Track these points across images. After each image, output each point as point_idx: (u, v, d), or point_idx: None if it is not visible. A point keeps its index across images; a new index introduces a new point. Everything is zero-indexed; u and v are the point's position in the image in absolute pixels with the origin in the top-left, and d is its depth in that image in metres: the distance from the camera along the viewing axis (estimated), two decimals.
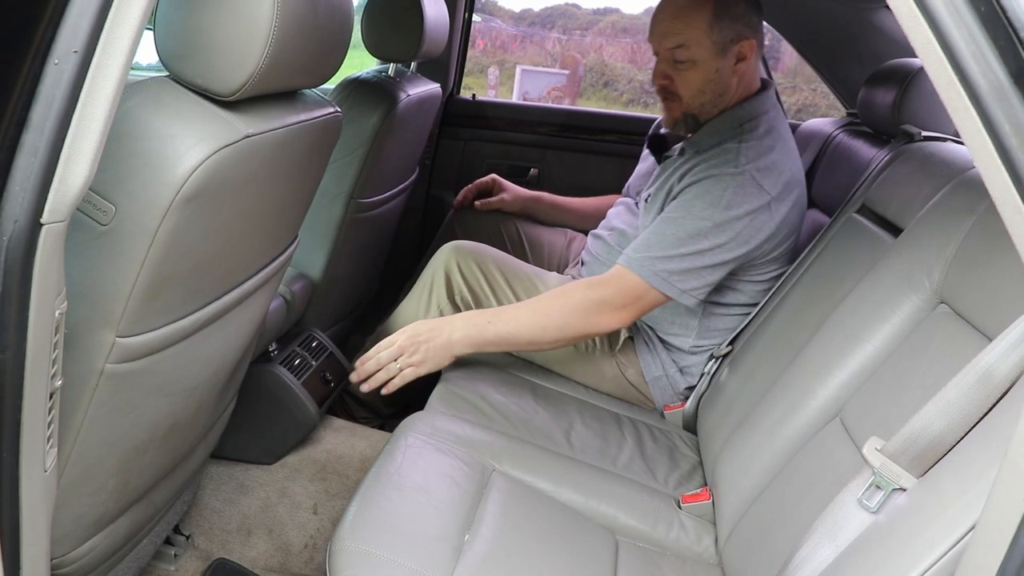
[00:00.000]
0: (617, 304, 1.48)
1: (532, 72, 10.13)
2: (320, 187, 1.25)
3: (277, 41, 0.84)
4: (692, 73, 1.56)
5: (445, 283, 1.71)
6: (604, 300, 1.48)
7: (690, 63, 1.55)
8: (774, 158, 1.50)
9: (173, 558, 1.39)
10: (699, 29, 1.52)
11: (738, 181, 1.46)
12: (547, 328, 1.49)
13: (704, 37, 1.52)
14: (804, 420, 1.15)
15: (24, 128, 0.67)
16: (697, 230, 1.45)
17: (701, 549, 1.25)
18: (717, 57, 1.54)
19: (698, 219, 1.46)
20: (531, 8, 12.34)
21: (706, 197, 1.47)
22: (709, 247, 1.45)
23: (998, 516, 0.66)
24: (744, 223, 1.46)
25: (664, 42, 1.56)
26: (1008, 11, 0.64)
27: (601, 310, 1.48)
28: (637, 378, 1.67)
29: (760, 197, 1.47)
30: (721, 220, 1.45)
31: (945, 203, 1.13)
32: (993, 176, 0.66)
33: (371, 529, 1.03)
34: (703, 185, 1.48)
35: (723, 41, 1.53)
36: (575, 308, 1.49)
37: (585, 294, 1.50)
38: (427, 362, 1.49)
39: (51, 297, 0.71)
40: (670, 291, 1.47)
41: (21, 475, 0.74)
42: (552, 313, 1.49)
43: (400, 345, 1.49)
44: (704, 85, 1.56)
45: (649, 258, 1.47)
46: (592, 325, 1.50)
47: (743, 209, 1.46)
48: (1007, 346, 0.74)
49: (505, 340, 1.52)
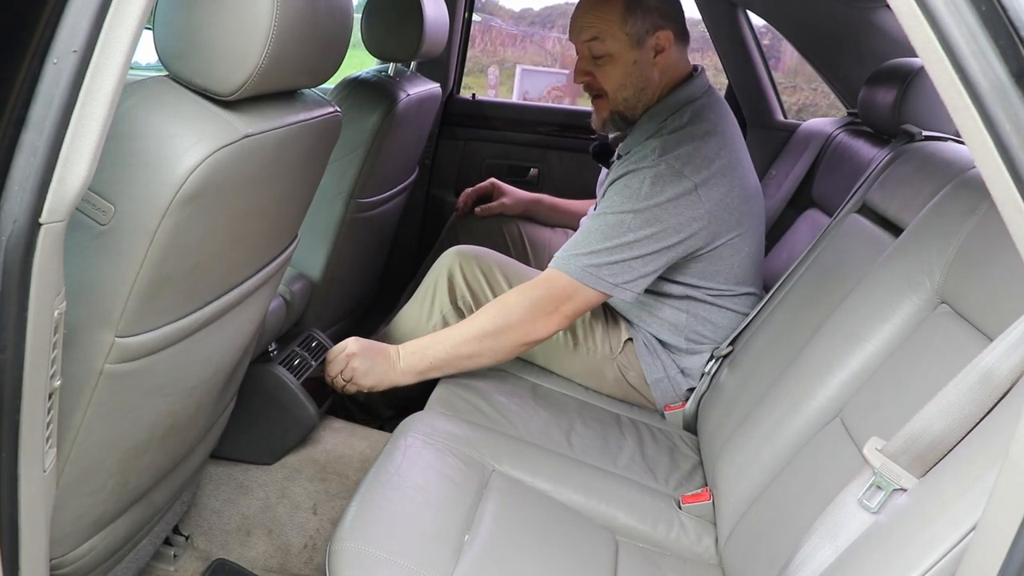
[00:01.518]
0: (549, 307, 1.48)
1: (532, 72, 10.13)
2: (320, 187, 1.25)
3: (276, 41, 0.84)
4: (611, 67, 1.57)
5: (448, 287, 1.71)
6: (536, 303, 1.48)
7: (607, 57, 1.56)
8: (695, 145, 1.50)
9: (172, 558, 1.39)
10: (612, 22, 1.53)
11: (655, 172, 1.47)
12: (483, 342, 1.49)
13: (617, 29, 1.54)
14: (804, 420, 1.15)
15: (23, 127, 0.67)
16: (619, 222, 1.46)
17: (701, 549, 1.25)
18: (633, 49, 1.55)
19: (619, 212, 1.47)
20: (531, 8, 12.34)
21: (625, 192, 1.48)
22: (635, 239, 1.45)
23: (999, 516, 0.66)
24: (668, 211, 1.46)
25: (580, 35, 1.58)
26: (1009, 10, 0.64)
27: (535, 315, 1.48)
28: (638, 380, 1.67)
29: (680, 184, 1.46)
30: (641, 209, 1.45)
31: (946, 203, 1.13)
32: (994, 176, 0.66)
33: (371, 529, 1.03)
34: (622, 181, 1.50)
35: (638, 33, 1.54)
36: (509, 319, 1.48)
37: (517, 300, 1.49)
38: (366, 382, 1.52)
39: (50, 297, 0.71)
40: (602, 286, 1.47)
41: (20, 475, 0.74)
42: (487, 325, 1.49)
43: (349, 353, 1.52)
44: (624, 79, 1.57)
45: (575, 255, 1.47)
46: (528, 332, 1.49)
47: (663, 197, 1.46)
48: (1008, 346, 0.74)
49: (445, 362, 1.52)
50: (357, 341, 1.54)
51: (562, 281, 1.48)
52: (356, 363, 1.51)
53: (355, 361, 1.51)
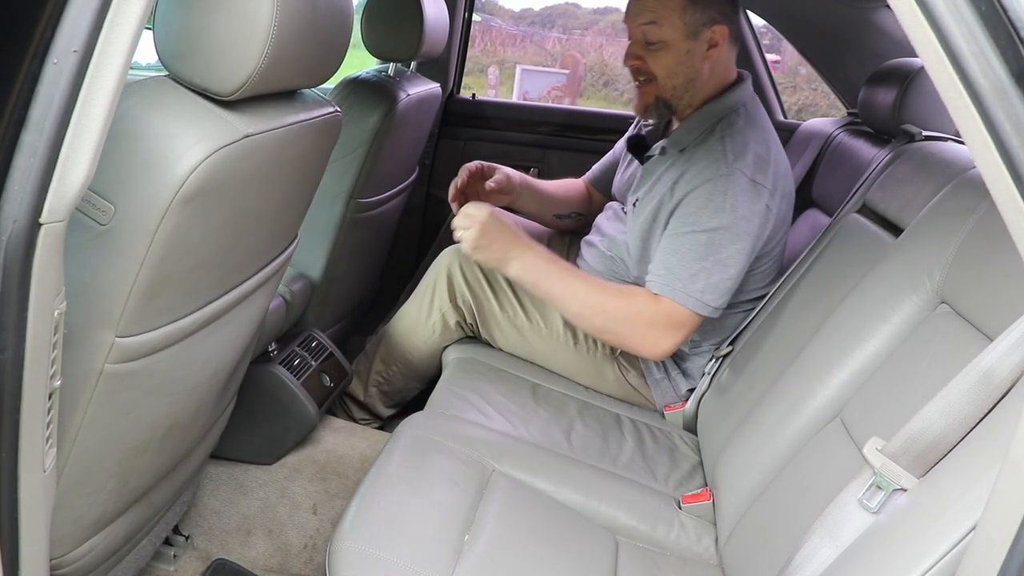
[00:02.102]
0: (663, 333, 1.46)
1: (532, 72, 10.13)
2: (320, 187, 1.25)
3: (276, 41, 0.84)
4: (663, 54, 1.55)
5: (447, 286, 1.71)
6: (654, 322, 1.46)
7: (661, 44, 1.54)
8: (759, 151, 1.50)
9: (172, 558, 1.39)
10: (672, 9, 1.52)
11: (734, 182, 1.45)
12: (595, 316, 1.48)
13: (676, 18, 1.52)
14: (805, 420, 1.15)
15: (23, 127, 0.67)
16: (711, 240, 1.44)
17: (701, 549, 1.25)
18: (688, 39, 1.53)
19: (709, 230, 1.45)
20: (531, 8, 12.34)
21: (710, 206, 1.45)
22: (727, 255, 1.44)
23: (999, 516, 0.66)
24: (751, 221, 1.46)
25: (637, 18, 1.56)
26: (1009, 10, 0.64)
27: (651, 331, 1.46)
28: (638, 380, 1.67)
29: (759, 193, 1.46)
30: (730, 223, 1.44)
31: (946, 203, 1.13)
32: (994, 176, 0.66)
33: (371, 529, 1.03)
34: (702, 192, 1.47)
35: (695, 24, 1.53)
36: (628, 315, 1.47)
37: (642, 309, 1.47)
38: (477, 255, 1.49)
39: (50, 297, 0.71)
40: (706, 311, 1.46)
41: (20, 475, 0.74)
42: (608, 307, 1.48)
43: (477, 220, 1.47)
44: (676, 67, 1.55)
45: (684, 283, 1.44)
46: (634, 342, 1.48)
47: (744, 208, 1.45)
48: (1008, 346, 0.74)
49: (550, 297, 1.51)
50: (491, 214, 1.49)
51: (676, 311, 1.45)
52: (475, 233, 1.47)
53: (476, 231, 1.47)
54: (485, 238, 1.47)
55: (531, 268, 1.49)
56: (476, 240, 1.47)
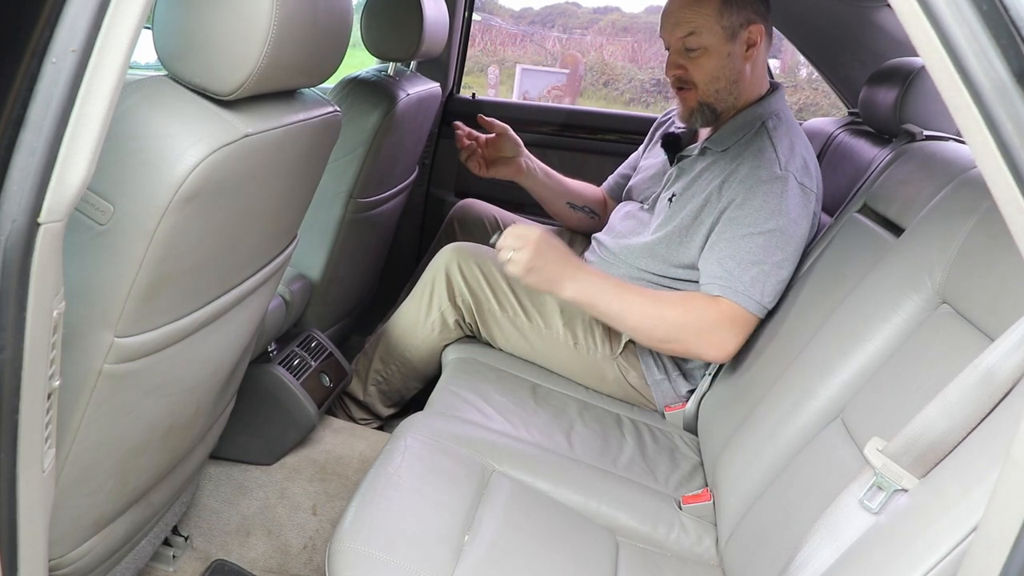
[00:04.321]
0: (727, 335, 1.46)
1: (532, 71, 10.14)
2: (319, 187, 1.24)
3: (276, 40, 0.84)
4: (705, 59, 1.57)
5: (446, 284, 1.71)
6: (716, 325, 1.46)
7: (702, 50, 1.56)
8: (804, 154, 1.53)
9: (172, 559, 1.39)
10: (709, 15, 1.54)
11: (788, 185, 1.47)
12: (657, 328, 1.47)
13: (714, 23, 1.54)
14: (805, 420, 1.15)
15: (22, 127, 0.66)
16: (767, 243, 1.46)
17: (702, 550, 1.24)
18: (728, 42, 1.55)
19: (764, 232, 1.46)
20: (531, 7, 12.35)
21: (766, 208, 1.47)
22: (782, 257, 1.46)
23: (1000, 517, 0.65)
24: (802, 226, 1.49)
25: (676, 32, 1.58)
26: (1010, 9, 0.64)
27: (714, 334, 1.46)
28: (639, 381, 1.67)
29: (807, 197, 1.50)
30: (785, 226, 1.46)
31: (947, 203, 1.12)
32: (995, 175, 0.66)
33: (370, 530, 1.03)
34: (758, 195, 1.48)
35: (733, 26, 1.55)
36: (690, 323, 1.46)
37: (703, 312, 1.46)
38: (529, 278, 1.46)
39: (49, 297, 0.71)
40: (761, 313, 1.47)
41: (19, 476, 0.74)
42: (668, 317, 1.47)
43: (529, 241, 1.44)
44: (718, 71, 1.57)
45: (744, 284, 1.45)
46: (699, 348, 1.47)
47: (797, 212, 1.48)
48: (1009, 346, 0.74)
49: (609, 315, 1.49)
50: (542, 234, 1.46)
51: (738, 313, 1.46)
52: (528, 256, 1.43)
53: (528, 253, 1.43)
54: (539, 258, 1.44)
55: (586, 289, 1.47)
56: (529, 262, 1.43)
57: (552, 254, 1.46)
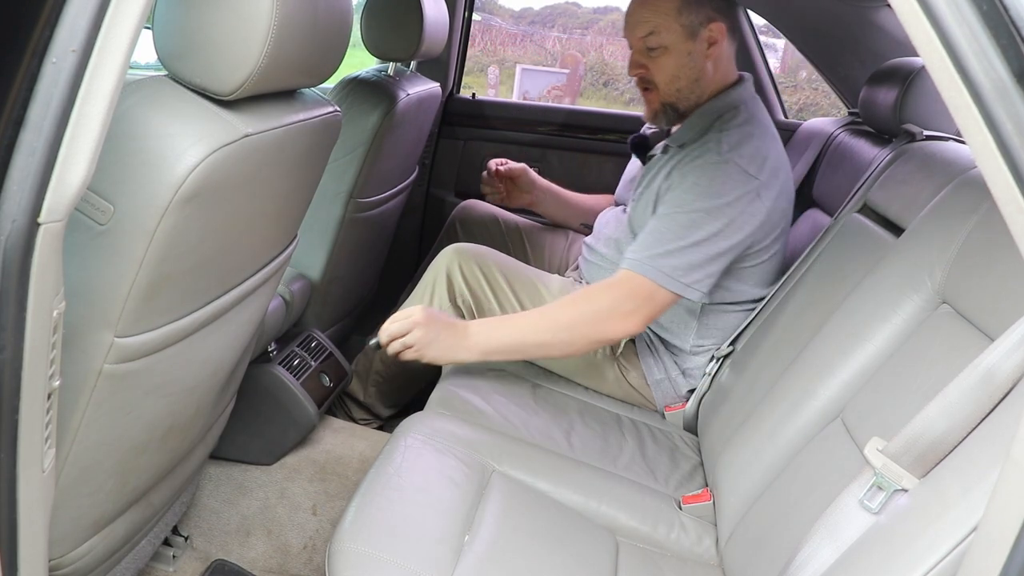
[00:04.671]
0: (627, 308, 1.46)
1: (532, 71, 10.13)
2: (319, 187, 1.24)
3: (276, 40, 0.84)
4: (665, 59, 1.57)
5: (447, 285, 1.71)
6: (613, 305, 1.46)
7: (662, 49, 1.56)
8: (756, 144, 1.51)
9: (172, 559, 1.39)
10: (667, 14, 1.54)
11: (723, 169, 1.46)
12: (557, 334, 1.47)
13: (673, 21, 1.54)
14: (805, 420, 1.15)
15: (22, 127, 0.66)
16: (691, 221, 1.45)
17: (702, 550, 1.24)
18: (688, 40, 1.55)
19: (690, 211, 1.46)
20: (531, 7, 12.35)
21: (695, 189, 1.47)
22: (705, 236, 1.45)
23: (1000, 517, 0.65)
24: (736, 209, 1.46)
25: (636, 31, 1.58)
26: (1010, 9, 0.64)
27: (612, 316, 1.46)
28: (639, 381, 1.67)
29: (747, 182, 1.47)
30: (711, 207, 1.45)
31: (947, 203, 1.12)
32: (995, 175, 0.66)
33: (370, 530, 1.03)
34: (689, 177, 1.49)
35: (692, 24, 1.55)
36: (584, 314, 1.47)
37: (594, 300, 1.48)
38: (429, 353, 1.45)
39: (49, 297, 0.71)
40: (676, 287, 1.46)
41: (19, 476, 0.74)
42: (562, 320, 1.47)
43: (415, 321, 1.43)
44: (678, 70, 1.57)
45: (651, 256, 1.46)
46: (603, 332, 1.47)
47: (733, 195, 1.46)
48: (1009, 346, 0.74)
49: (514, 348, 1.49)
50: (424, 310, 1.46)
51: (638, 282, 1.45)
52: (421, 333, 1.43)
53: (419, 331, 1.43)
54: (432, 331, 1.43)
55: (486, 337, 1.46)
56: (424, 338, 1.43)
57: (440, 322, 1.46)
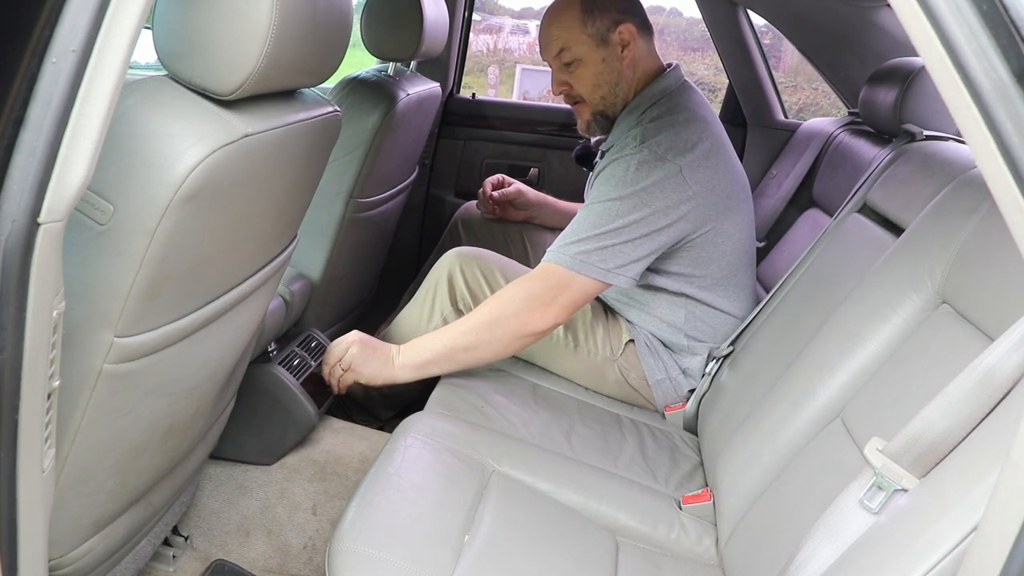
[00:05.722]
0: (546, 298, 1.47)
1: (532, 71, 10.12)
2: (319, 187, 1.24)
3: (276, 40, 0.84)
4: (582, 71, 1.60)
5: (448, 289, 1.71)
6: (532, 295, 1.47)
7: (577, 63, 1.60)
8: (676, 131, 1.51)
9: (172, 559, 1.39)
10: (572, 27, 1.57)
11: (638, 158, 1.48)
12: (480, 334, 1.48)
13: (580, 33, 1.57)
14: (805, 420, 1.15)
15: (22, 127, 0.66)
16: (606, 210, 1.47)
17: (702, 550, 1.24)
18: (599, 48, 1.58)
19: (605, 200, 1.47)
20: (531, 7, 12.33)
21: (610, 180, 1.49)
22: (623, 223, 1.45)
23: (1000, 517, 0.65)
24: (654, 194, 1.46)
25: (549, 50, 1.62)
26: (1010, 9, 0.64)
27: (533, 307, 1.47)
28: (639, 381, 1.67)
29: (664, 167, 1.47)
30: (627, 195, 1.46)
31: (947, 203, 1.12)
32: (995, 175, 0.66)
33: (370, 530, 1.03)
34: (607, 171, 1.51)
35: (599, 31, 1.57)
36: (504, 310, 1.48)
37: (514, 292, 1.49)
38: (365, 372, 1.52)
39: (49, 297, 0.71)
40: (594, 273, 1.46)
41: (19, 476, 0.74)
42: (484, 319, 1.49)
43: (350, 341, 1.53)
44: (597, 78, 1.60)
45: (566, 245, 1.48)
46: (525, 325, 1.48)
47: (648, 181, 1.46)
48: (1009, 346, 0.74)
49: (443, 355, 1.51)
50: (358, 334, 1.55)
51: (556, 271, 1.47)
52: (355, 351, 1.52)
53: (354, 349, 1.52)
54: (365, 351, 1.52)
55: (417, 350, 1.52)
56: (357, 357, 1.51)
57: (371, 344, 1.54)
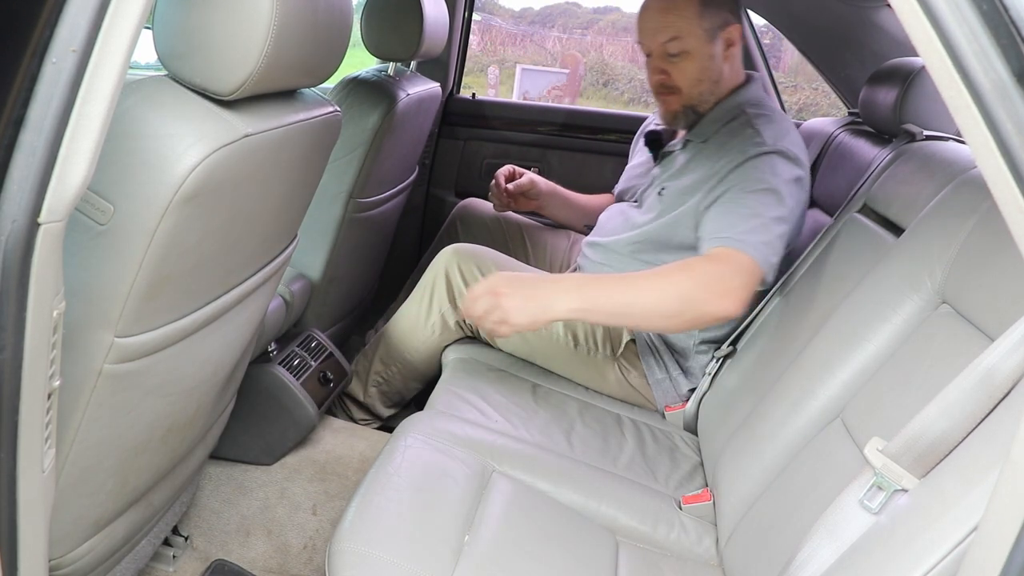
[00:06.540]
0: (734, 284, 1.34)
1: (532, 71, 10.14)
2: (319, 187, 1.24)
3: (276, 40, 0.84)
4: (688, 63, 1.58)
5: (446, 286, 1.71)
6: (721, 279, 1.34)
7: (684, 54, 1.57)
8: (793, 137, 1.54)
9: (172, 559, 1.39)
10: (690, 19, 1.55)
11: (777, 159, 1.48)
12: (663, 301, 1.32)
13: (695, 26, 1.55)
14: (805, 420, 1.15)
15: (22, 127, 0.66)
16: (762, 199, 1.42)
17: (702, 550, 1.24)
18: (709, 44, 1.57)
19: (759, 190, 1.43)
20: (531, 7, 12.35)
21: (754, 175, 1.45)
22: (778, 215, 1.42)
23: (1000, 517, 0.65)
24: (792, 194, 1.46)
25: (657, 37, 1.58)
26: (1010, 9, 0.64)
27: (719, 289, 1.33)
28: (639, 381, 1.67)
29: (795, 168, 1.49)
30: (778, 188, 1.44)
31: (947, 203, 1.12)
32: (995, 175, 0.66)
33: (370, 530, 1.03)
34: (746, 167, 1.47)
35: (712, 27, 1.56)
36: (698, 280, 1.34)
37: (705, 267, 1.37)
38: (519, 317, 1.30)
39: (49, 297, 0.71)
40: (765, 266, 1.39)
41: (19, 476, 0.74)
42: (672, 286, 1.33)
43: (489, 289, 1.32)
44: (701, 73, 1.59)
45: (745, 233, 1.39)
46: (707, 305, 1.33)
47: (789, 177, 1.47)
48: (1009, 346, 0.74)
49: (616, 315, 1.35)
50: (503, 276, 1.35)
51: (742, 259, 1.36)
52: (507, 302, 1.30)
53: (506, 300, 1.30)
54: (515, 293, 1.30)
55: (578, 295, 1.31)
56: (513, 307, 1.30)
57: (521, 280, 1.33)
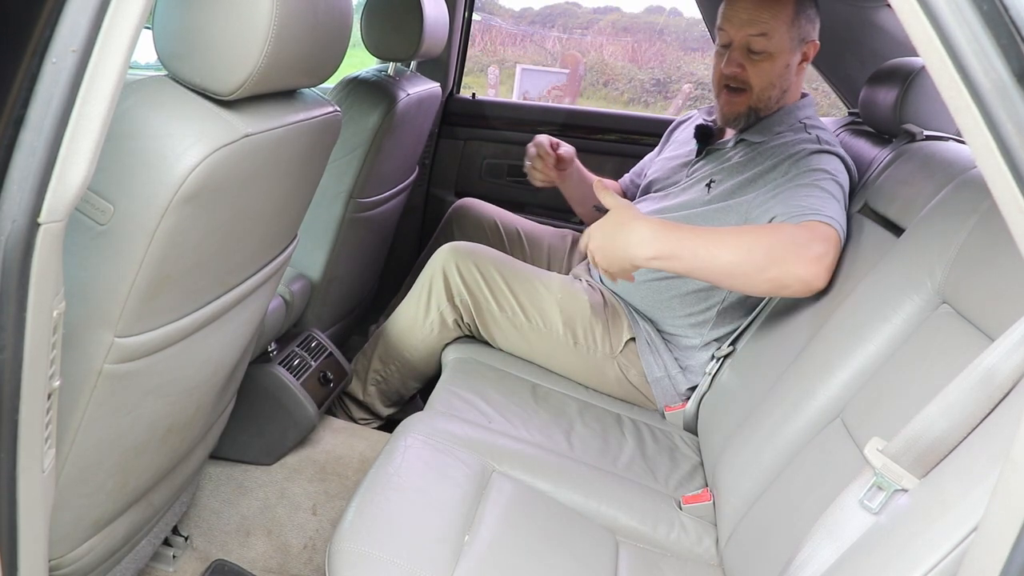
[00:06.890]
0: (818, 251, 1.33)
1: (532, 71, 10.13)
2: (319, 187, 1.24)
3: (276, 40, 0.84)
4: (767, 64, 1.59)
5: (444, 284, 1.71)
6: (808, 243, 1.33)
7: (766, 54, 1.58)
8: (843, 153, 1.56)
9: (172, 559, 1.39)
10: (783, 21, 1.56)
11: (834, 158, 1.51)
12: (753, 253, 1.31)
13: (787, 30, 1.56)
14: (805, 420, 1.15)
15: (22, 127, 0.66)
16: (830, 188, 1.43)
17: (702, 550, 1.24)
18: (791, 52, 1.59)
19: (826, 179, 1.45)
20: (531, 7, 12.34)
21: (819, 163, 1.48)
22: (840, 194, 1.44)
23: (1000, 517, 0.65)
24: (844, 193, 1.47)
25: (746, 28, 1.58)
26: (1010, 9, 0.64)
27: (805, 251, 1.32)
28: (639, 379, 1.67)
29: (845, 175, 1.51)
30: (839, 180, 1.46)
31: (947, 203, 1.13)
32: (995, 175, 0.66)
33: (370, 530, 1.03)
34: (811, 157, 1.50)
35: (798, 37, 1.58)
36: (788, 241, 1.33)
37: (795, 231, 1.35)
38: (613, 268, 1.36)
39: (49, 297, 0.71)
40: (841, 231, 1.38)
41: (19, 476, 0.74)
42: (766, 240, 1.33)
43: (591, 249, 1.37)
44: (776, 78, 1.60)
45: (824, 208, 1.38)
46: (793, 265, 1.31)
47: (843, 179, 1.48)
48: (1009, 346, 0.74)
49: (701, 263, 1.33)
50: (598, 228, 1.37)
51: (827, 230, 1.35)
52: (598, 257, 1.36)
53: (597, 255, 1.36)
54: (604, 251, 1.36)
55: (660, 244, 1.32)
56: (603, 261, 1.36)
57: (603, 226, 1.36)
